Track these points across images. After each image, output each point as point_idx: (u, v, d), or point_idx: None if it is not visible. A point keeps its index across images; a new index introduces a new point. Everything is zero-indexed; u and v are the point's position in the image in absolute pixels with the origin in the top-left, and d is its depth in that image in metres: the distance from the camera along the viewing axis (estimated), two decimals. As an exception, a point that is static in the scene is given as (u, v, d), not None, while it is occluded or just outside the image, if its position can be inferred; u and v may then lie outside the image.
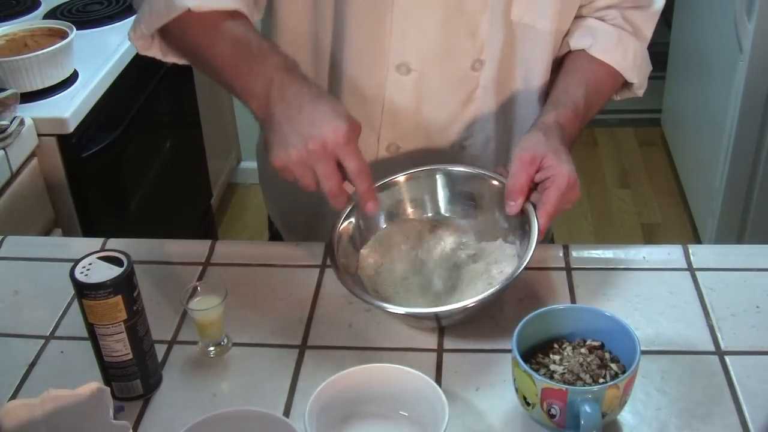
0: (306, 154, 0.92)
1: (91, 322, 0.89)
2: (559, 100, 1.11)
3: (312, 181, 0.94)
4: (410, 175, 1.10)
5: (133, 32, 1.07)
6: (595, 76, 1.15)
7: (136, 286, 0.90)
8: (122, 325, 0.90)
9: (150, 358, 0.94)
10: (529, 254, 0.97)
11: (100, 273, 0.88)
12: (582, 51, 1.16)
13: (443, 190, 1.11)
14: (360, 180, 0.95)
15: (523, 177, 1.01)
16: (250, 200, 3.06)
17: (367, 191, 0.96)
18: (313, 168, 0.93)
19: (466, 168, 1.10)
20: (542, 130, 1.04)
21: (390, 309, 0.97)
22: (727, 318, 1.02)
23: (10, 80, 1.67)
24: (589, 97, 1.12)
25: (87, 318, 0.89)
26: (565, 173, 0.99)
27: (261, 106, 0.97)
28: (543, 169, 1.01)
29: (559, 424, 0.85)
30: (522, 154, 1.01)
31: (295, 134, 0.93)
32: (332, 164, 0.93)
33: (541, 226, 0.99)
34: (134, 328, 0.91)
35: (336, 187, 0.94)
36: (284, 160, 0.94)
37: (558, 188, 0.99)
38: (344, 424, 0.88)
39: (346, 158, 0.93)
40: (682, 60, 3.08)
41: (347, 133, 0.92)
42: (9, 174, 1.56)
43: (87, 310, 0.89)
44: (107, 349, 0.91)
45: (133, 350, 0.92)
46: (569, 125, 1.08)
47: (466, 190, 1.10)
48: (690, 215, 2.89)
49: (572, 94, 1.11)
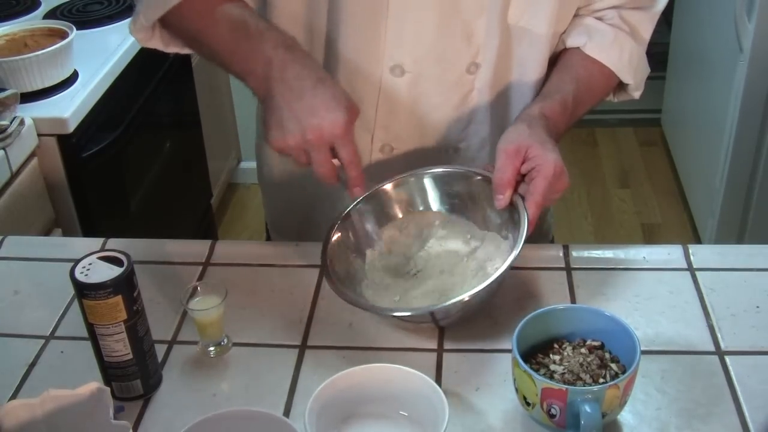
0: (302, 141, 0.96)
1: (91, 322, 0.90)
2: (548, 93, 1.10)
3: (306, 161, 0.98)
4: (397, 180, 1.10)
5: (133, 25, 1.08)
6: (587, 74, 1.14)
7: (136, 286, 0.91)
8: (122, 325, 0.90)
9: (150, 358, 0.94)
10: (519, 245, 0.96)
11: (100, 273, 0.88)
12: (577, 49, 1.15)
13: (432, 191, 1.10)
14: (351, 168, 0.99)
15: (509, 169, 1.00)
16: (250, 200, 3.06)
17: (356, 178, 1.00)
18: (309, 152, 0.97)
19: (453, 168, 1.10)
20: (526, 122, 1.04)
21: (385, 313, 0.97)
22: (727, 318, 1.02)
23: (10, 80, 1.67)
24: (580, 93, 1.12)
25: (87, 318, 0.89)
26: (551, 161, 0.99)
27: (260, 86, 0.99)
28: (528, 159, 1.00)
29: (559, 424, 0.85)
30: (507, 147, 1.01)
31: (294, 121, 0.95)
32: (326, 151, 0.97)
33: (530, 216, 0.98)
34: (134, 328, 0.91)
35: (328, 172, 0.99)
36: (281, 144, 0.97)
37: (545, 177, 0.98)
38: (344, 424, 0.88)
39: (340, 148, 0.98)
40: (682, 60, 3.08)
41: (345, 124, 0.95)
42: (9, 174, 1.56)
43: (87, 310, 0.89)
44: (107, 349, 0.91)
45: (133, 350, 0.92)
46: (555, 117, 1.07)
47: (455, 190, 1.09)
48: (690, 215, 2.89)
49: (562, 88, 1.11)
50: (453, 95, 1.14)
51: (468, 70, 1.12)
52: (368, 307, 0.99)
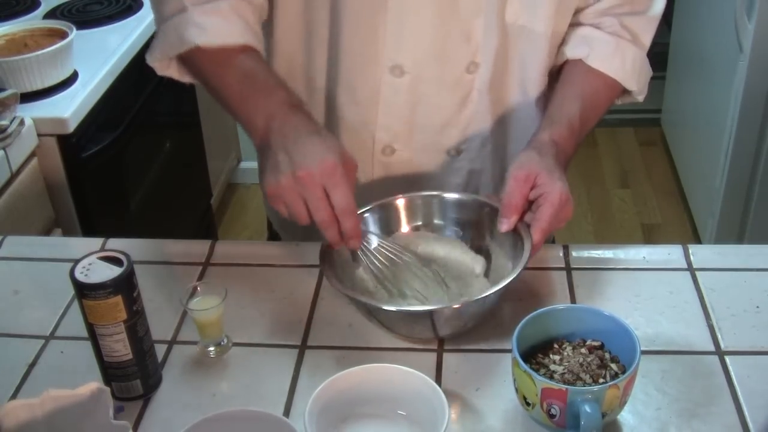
0: (293, 180, 0.94)
1: (91, 322, 0.89)
2: (554, 117, 1.10)
3: (303, 210, 0.95)
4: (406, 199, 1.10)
5: (149, 55, 1.10)
6: (591, 90, 1.14)
7: (135, 287, 0.90)
8: (122, 325, 0.90)
9: (150, 358, 0.94)
10: (519, 268, 0.97)
11: (100, 273, 0.88)
12: (579, 61, 1.15)
13: (435, 215, 1.11)
14: (344, 217, 0.95)
15: (517, 194, 1.01)
16: (250, 200, 3.06)
17: (351, 229, 0.96)
18: (303, 197, 0.94)
19: (457, 194, 1.11)
20: (536, 149, 1.05)
21: (386, 307, 0.97)
22: (727, 318, 1.02)
23: (10, 80, 1.67)
24: (585, 112, 1.12)
25: (87, 318, 0.89)
26: (557, 190, 1.00)
27: (260, 137, 1.00)
28: (537, 186, 1.01)
29: (559, 424, 0.85)
30: (517, 173, 1.02)
31: (286, 162, 0.95)
32: (321, 194, 0.94)
33: (534, 241, 0.99)
34: (134, 328, 0.91)
35: (327, 218, 0.95)
36: (274, 186, 0.95)
37: (551, 204, 0.99)
38: (344, 424, 0.88)
39: (332, 191, 0.94)
40: (682, 60, 3.08)
41: (334, 165, 0.93)
42: (9, 174, 1.56)
43: (87, 310, 0.89)
44: (107, 349, 0.91)
45: (133, 350, 0.92)
46: (564, 143, 1.08)
47: (454, 216, 1.10)
48: (690, 215, 2.89)
49: (567, 109, 1.11)
50: (453, 95, 1.14)
51: (467, 69, 1.12)
52: (369, 305, 0.98)
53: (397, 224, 1.11)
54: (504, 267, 1.04)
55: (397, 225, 1.11)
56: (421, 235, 1.10)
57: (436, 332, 0.99)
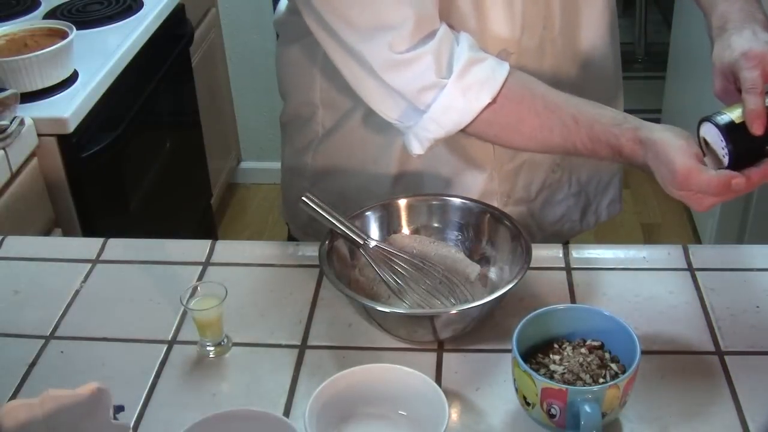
0: None
1: None
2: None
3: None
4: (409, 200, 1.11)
5: (409, 145, 1.06)
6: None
7: None
8: None
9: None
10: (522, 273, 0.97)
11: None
12: None
13: (435, 218, 1.11)
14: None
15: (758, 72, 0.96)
16: (250, 200, 3.06)
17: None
18: None
19: (459, 198, 1.11)
20: (749, 27, 1.00)
21: (386, 309, 0.97)
22: (727, 318, 1.02)
23: (10, 80, 1.67)
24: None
25: None
26: None
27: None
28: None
29: (559, 424, 0.85)
30: (751, 51, 0.98)
31: None
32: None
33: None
34: None
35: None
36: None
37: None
38: (344, 424, 0.88)
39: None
40: (682, 60, 3.08)
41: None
42: (9, 174, 1.56)
43: None
44: None
45: None
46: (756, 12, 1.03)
47: (455, 220, 1.10)
48: (690, 215, 2.88)
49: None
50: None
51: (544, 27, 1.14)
52: (368, 307, 0.98)
53: (398, 225, 1.11)
54: (503, 272, 1.04)
55: (397, 225, 1.11)
56: (417, 239, 1.10)
57: (436, 335, 0.99)
